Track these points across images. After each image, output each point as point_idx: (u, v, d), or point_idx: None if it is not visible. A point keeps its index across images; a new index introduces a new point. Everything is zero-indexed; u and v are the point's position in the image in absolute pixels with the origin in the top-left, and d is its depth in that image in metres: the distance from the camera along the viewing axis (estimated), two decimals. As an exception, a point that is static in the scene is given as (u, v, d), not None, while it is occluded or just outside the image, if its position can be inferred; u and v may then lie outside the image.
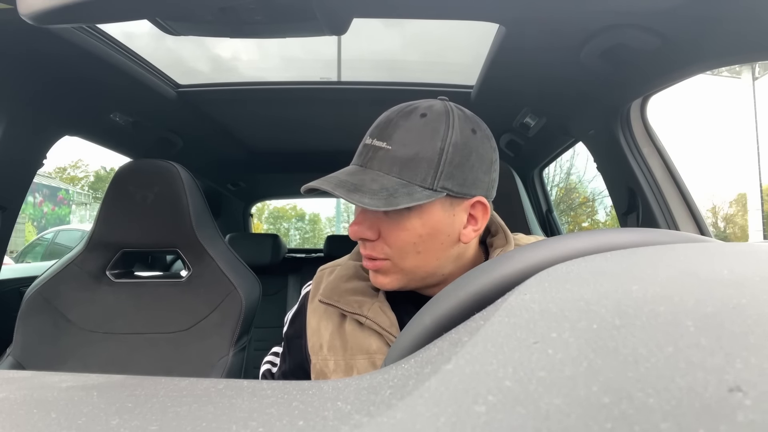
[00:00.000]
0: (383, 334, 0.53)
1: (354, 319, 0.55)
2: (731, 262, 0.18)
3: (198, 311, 0.99)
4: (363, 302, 0.55)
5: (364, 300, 0.55)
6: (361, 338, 0.54)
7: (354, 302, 0.55)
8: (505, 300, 0.19)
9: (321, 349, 0.57)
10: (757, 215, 8.84)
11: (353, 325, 0.56)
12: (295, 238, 23.00)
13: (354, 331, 0.55)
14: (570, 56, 0.95)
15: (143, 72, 1.16)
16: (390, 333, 0.53)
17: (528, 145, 1.58)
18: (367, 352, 0.54)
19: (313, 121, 1.59)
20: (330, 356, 0.56)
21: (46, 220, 13.02)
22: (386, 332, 0.53)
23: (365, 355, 0.54)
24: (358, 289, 0.57)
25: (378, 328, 0.53)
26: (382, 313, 0.54)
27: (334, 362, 0.55)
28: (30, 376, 0.22)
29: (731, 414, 0.10)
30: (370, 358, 0.53)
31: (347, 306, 0.55)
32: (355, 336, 0.55)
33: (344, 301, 0.55)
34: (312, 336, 0.59)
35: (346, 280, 0.58)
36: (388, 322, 0.53)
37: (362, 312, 0.54)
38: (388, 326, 0.53)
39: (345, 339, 0.56)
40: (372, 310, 0.54)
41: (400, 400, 0.14)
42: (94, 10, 0.55)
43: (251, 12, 0.68)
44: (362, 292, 0.57)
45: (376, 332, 0.53)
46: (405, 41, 1.29)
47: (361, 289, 0.57)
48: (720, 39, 0.77)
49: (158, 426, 0.15)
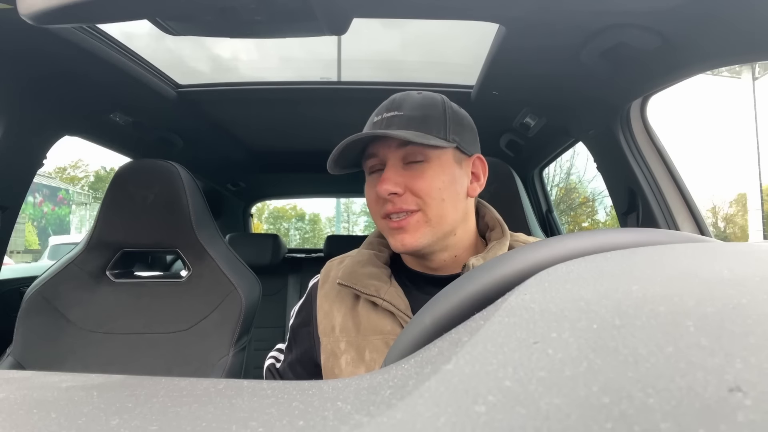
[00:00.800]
0: (398, 315, 0.57)
1: (369, 301, 0.59)
2: (731, 262, 0.18)
3: (198, 311, 0.99)
4: (379, 286, 0.59)
5: (380, 284, 0.59)
6: (375, 319, 0.58)
7: (371, 285, 0.59)
8: (505, 300, 0.19)
9: (333, 331, 0.61)
10: (757, 215, 8.85)
11: (367, 307, 0.59)
12: (295, 238, 23.01)
13: (368, 313, 0.59)
14: (570, 56, 0.95)
15: (143, 72, 1.16)
16: (405, 314, 0.56)
17: (528, 145, 1.58)
18: (381, 332, 0.57)
19: (313, 120, 1.58)
20: (342, 337, 0.60)
21: (46, 220, 13.02)
22: (401, 313, 0.57)
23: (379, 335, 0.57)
24: (374, 274, 0.61)
25: (394, 309, 0.57)
26: (397, 296, 0.58)
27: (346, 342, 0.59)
28: (30, 376, 0.22)
29: (731, 414, 0.10)
30: (384, 338, 0.57)
31: (365, 288, 0.59)
32: (369, 317, 0.59)
33: (362, 284, 0.59)
34: (323, 319, 0.63)
35: (363, 266, 0.62)
36: (403, 305, 0.58)
37: (379, 294, 0.58)
38: (403, 308, 0.57)
39: (358, 320, 0.59)
40: (388, 293, 0.58)
41: (400, 400, 0.14)
42: (94, 10, 0.55)
43: (251, 12, 0.68)
44: (378, 277, 0.61)
45: (390, 314, 0.57)
46: (405, 41, 1.29)
47: (377, 275, 0.61)
48: (720, 39, 0.77)
49: (158, 426, 0.15)
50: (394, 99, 0.60)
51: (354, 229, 21.64)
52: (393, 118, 0.57)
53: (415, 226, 0.57)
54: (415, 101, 0.59)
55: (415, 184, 0.56)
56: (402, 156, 0.57)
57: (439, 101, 0.60)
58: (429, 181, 0.56)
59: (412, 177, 0.57)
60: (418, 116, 0.57)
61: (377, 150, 0.59)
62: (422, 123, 0.56)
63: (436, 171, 0.57)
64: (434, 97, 0.60)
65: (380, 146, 0.58)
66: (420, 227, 0.57)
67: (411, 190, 0.56)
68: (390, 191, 0.56)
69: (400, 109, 0.58)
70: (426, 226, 0.57)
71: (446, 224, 0.58)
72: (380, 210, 0.59)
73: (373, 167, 0.61)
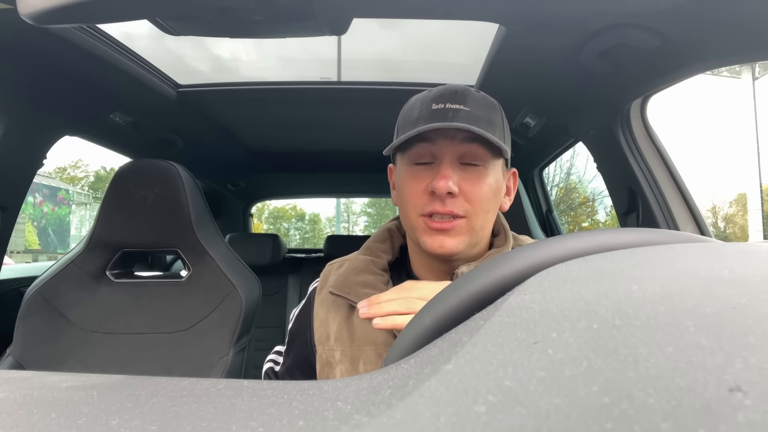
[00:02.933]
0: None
1: None
2: (731, 262, 0.18)
3: (198, 311, 0.99)
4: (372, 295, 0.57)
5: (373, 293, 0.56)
6: (369, 330, 0.56)
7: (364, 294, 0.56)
8: (505, 300, 0.19)
9: (328, 340, 0.59)
10: (757, 215, 8.85)
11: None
12: (295, 238, 23.01)
13: (362, 323, 0.56)
14: (570, 56, 0.95)
15: (143, 72, 1.16)
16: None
17: (528, 145, 1.58)
18: (374, 343, 0.55)
19: (313, 121, 1.58)
20: (337, 346, 0.57)
21: (46, 220, 13.02)
22: None
23: (372, 346, 0.55)
24: (368, 282, 0.58)
25: None
26: None
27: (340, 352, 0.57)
28: (30, 376, 0.22)
29: (731, 414, 0.10)
30: (377, 349, 0.55)
31: (357, 298, 0.56)
32: (363, 327, 0.56)
33: (354, 293, 0.57)
34: (319, 327, 0.60)
35: (357, 273, 0.59)
36: None
37: None
38: None
39: (353, 330, 0.57)
40: None
41: (400, 400, 0.14)
42: (94, 10, 0.55)
43: (251, 12, 0.68)
44: (372, 285, 0.58)
45: None
46: (405, 41, 1.29)
47: (371, 283, 0.58)
48: (720, 39, 0.77)
49: (158, 426, 0.15)
50: (456, 91, 0.55)
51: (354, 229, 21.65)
52: (459, 112, 0.53)
53: (457, 231, 0.54)
54: (478, 99, 0.55)
55: (471, 189, 0.54)
56: (460, 155, 0.54)
57: (498, 106, 0.57)
58: (483, 189, 0.54)
59: (468, 180, 0.54)
60: (484, 117, 0.53)
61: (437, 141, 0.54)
62: (488, 125, 0.53)
63: (490, 179, 0.54)
64: (493, 100, 0.57)
65: (441, 137, 0.54)
66: (462, 234, 0.54)
67: (464, 194, 0.54)
68: (450, 189, 0.52)
69: (465, 104, 0.54)
70: (468, 234, 0.55)
71: (483, 235, 0.56)
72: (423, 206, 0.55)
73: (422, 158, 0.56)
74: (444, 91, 0.56)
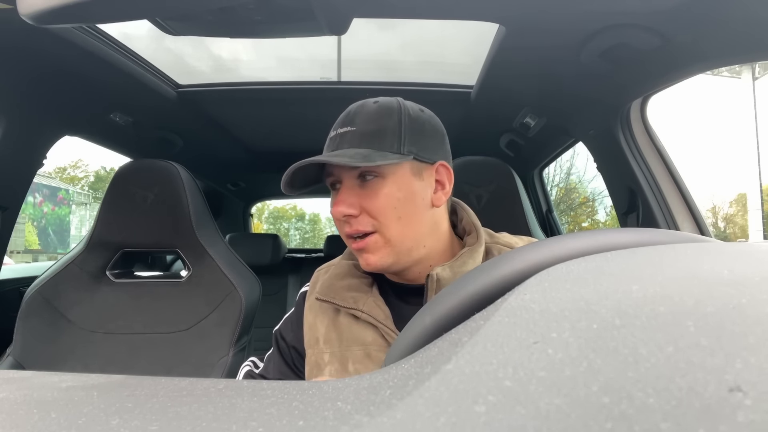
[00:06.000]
0: (378, 327, 0.56)
1: (349, 313, 0.58)
2: (731, 262, 0.18)
3: (198, 311, 0.99)
4: (358, 298, 0.58)
5: (359, 296, 0.58)
6: (356, 331, 0.57)
7: (349, 298, 0.58)
8: (505, 300, 0.19)
9: (317, 343, 0.60)
10: (757, 215, 8.85)
11: (348, 318, 0.58)
12: (295, 238, 23.01)
13: (349, 325, 0.58)
14: (570, 56, 0.95)
15: (143, 72, 1.16)
16: (385, 325, 0.55)
17: (528, 145, 1.58)
18: (362, 343, 0.57)
19: (313, 121, 1.58)
20: (326, 348, 0.59)
21: (46, 220, 13.02)
22: (381, 324, 0.56)
23: (360, 346, 0.57)
24: (352, 286, 0.60)
25: (374, 320, 0.56)
26: (377, 306, 0.57)
27: (329, 354, 0.58)
28: (30, 376, 0.22)
29: (731, 414, 0.10)
30: (365, 349, 0.56)
31: (343, 302, 0.58)
32: (350, 329, 0.58)
33: (340, 298, 0.59)
34: (308, 331, 0.62)
35: (341, 278, 0.61)
36: (383, 315, 0.56)
37: (358, 306, 0.57)
38: (382, 319, 0.56)
39: (340, 332, 0.59)
40: (367, 304, 0.57)
41: (400, 400, 0.14)
42: (94, 10, 0.55)
43: (251, 12, 0.68)
44: (356, 288, 0.60)
45: (371, 325, 0.56)
46: (405, 41, 1.29)
47: (356, 286, 0.60)
48: (720, 39, 0.77)
49: (158, 426, 0.15)
50: (349, 112, 0.58)
51: (354, 229, 21.53)
52: (345, 135, 0.55)
53: (374, 246, 0.55)
54: (369, 113, 0.56)
55: (369, 204, 0.54)
56: (357, 173, 0.55)
57: (395, 110, 0.56)
58: (383, 200, 0.54)
59: (366, 196, 0.55)
60: (370, 131, 0.54)
61: (332, 168, 0.57)
62: (375, 137, 0.54)
63: (390, 188, 0.54)
64: (390, 105, 0.57)
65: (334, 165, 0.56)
66: (380, 248, 0.55)
67: (366, 211, 0.55)
68: (344, 213, 0.54)
69: (353, 124, 0.55)
70: (386, 246, 0.55)
71: (408, 241, 0.56)
72: (341, 230, 0.57)
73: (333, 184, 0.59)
74: (342, 116, 0.59)
